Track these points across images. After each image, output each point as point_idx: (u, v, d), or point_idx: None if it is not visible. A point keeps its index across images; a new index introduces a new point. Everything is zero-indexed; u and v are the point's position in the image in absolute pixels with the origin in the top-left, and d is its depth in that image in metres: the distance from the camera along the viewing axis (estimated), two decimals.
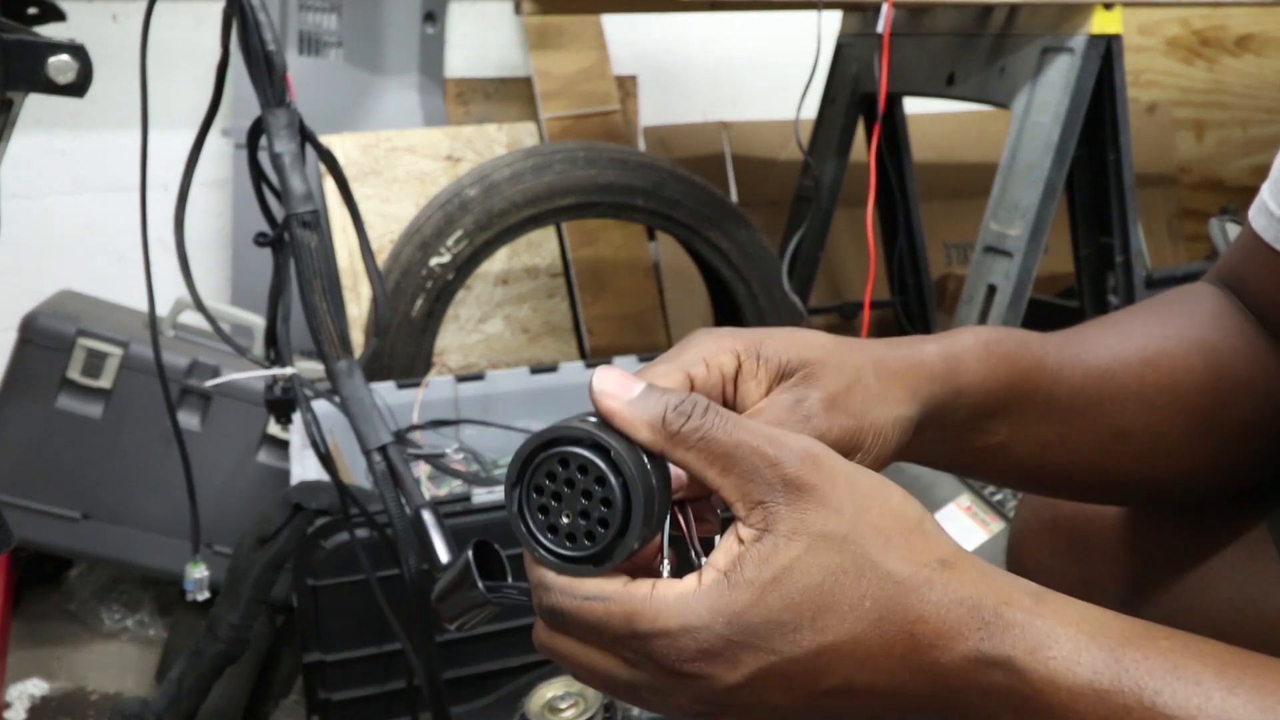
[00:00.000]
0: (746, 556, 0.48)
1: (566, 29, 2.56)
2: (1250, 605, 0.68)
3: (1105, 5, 1.67)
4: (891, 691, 0.49)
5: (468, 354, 2.41)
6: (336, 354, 1.06)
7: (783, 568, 0.47)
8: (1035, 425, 0.64)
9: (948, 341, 0.62)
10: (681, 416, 0.49)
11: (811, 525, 0.48)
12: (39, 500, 1.70)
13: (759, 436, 0.49)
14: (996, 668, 0.48)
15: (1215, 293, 0.74)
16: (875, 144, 1.73)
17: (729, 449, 0.48)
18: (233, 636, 1.36)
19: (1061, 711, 0.47)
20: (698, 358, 0.55)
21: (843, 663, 0.48)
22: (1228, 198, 2.97)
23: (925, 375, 0.60)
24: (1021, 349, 0.64)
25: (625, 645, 0.49)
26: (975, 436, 0.63)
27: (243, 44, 1.06)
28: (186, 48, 2.18)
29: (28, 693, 1.69)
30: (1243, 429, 0.70)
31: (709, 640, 0.47)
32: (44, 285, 1.94)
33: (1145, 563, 0.76)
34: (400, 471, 1.03)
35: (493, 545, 0.60)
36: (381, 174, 2.36)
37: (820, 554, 0.48)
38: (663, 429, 0.49)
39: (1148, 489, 0.72)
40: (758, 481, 0.48)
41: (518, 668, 1.41)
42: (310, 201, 1.06)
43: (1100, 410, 0.66)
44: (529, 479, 0.51)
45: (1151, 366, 0.68)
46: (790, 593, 0.47)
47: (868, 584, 0.48)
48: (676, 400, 0.49)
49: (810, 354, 0.57)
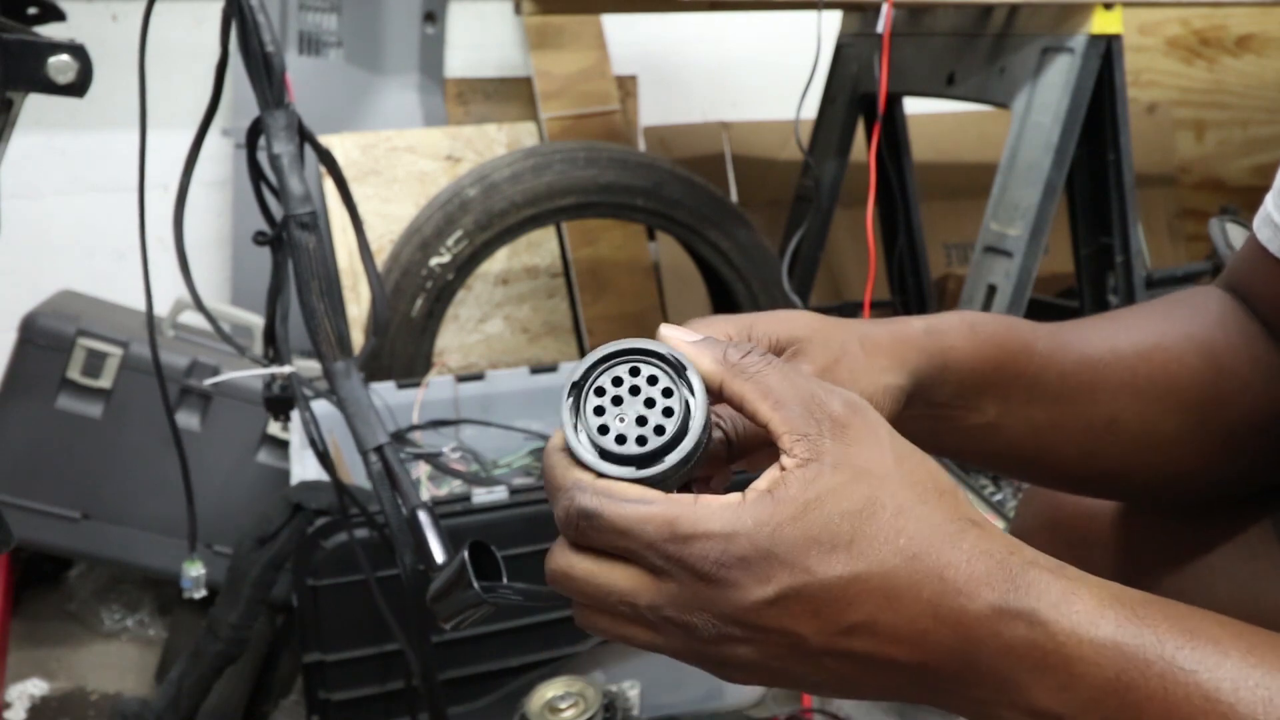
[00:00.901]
0: (790, 478, 0.49)
1: (566, 29, 2.56)
2: (1253, 604, 0.68)
3: (1105, 5, 1.67)
4: (913, 638, 0.49)
5: (468, 354, 2.41)
6: (334, 354, 1.06)
7: (827, 489, 0.48)
8: (1024, 407, 0.65)
9: (934, 319, 0.64)
10: (740, 352, 0.52)
11: (855, 459, 0.49)
12: (39, 500, 1.70)
13: (811, 381, 0.51)
14: (1020, 620, 0.48)
15: (1221, 295, 0.74)
16: (875, 144, 1.73)
17: (781, 386, 0.50)
18: (233, 636, 1.36)
19: (1083, 665, 0.47)
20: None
21: (871, 596, 0.48)
22: (1228, 198, 2.97)
23: (911, 347, 0.61)
24: (1009, 331, 0.65)
25: (658, 551, 0.48)
26: (963, 414, 0.64)
27: (242, 45, 1.06)
28: (186, 48, 2.18)
29: (28, 693, 1.69)
30: (1243, 428, 0.70)
31: (748, 548, 0.47)
32: (44, 285, 1.94)
33: (1146, 563, 0.76)
34: (396, 472, 1.03)
35: (488, 546, 0.60)
36: (381, 174, 2.36)
37: (862, 485, 0.49)
38: (725, 360, 0.51)
39: (1143, 483, 0.72)
40: (806, 417, 0.50)
41: (517, 668, 1.41)
42: (308, 203, 1.06)
43: (1091, 398, 0.67)
44: (592, 381, 0.51)
45: (1145, 359, 0.68)
46: (830, 514, 0.48)
47: (905, 521, 0.49)
48: (737, 342, 0.53)
49: (798, 331, 0.59)
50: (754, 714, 1.54)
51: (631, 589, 0.50)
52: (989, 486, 1.78)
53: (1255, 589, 0.69)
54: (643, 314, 2.52)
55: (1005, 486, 1.79)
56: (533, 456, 1.74)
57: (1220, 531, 0.73)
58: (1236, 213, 2.04)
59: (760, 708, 1.55)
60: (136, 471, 1.73)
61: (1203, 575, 0.72)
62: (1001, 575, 0.48)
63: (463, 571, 0.59)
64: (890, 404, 0.59)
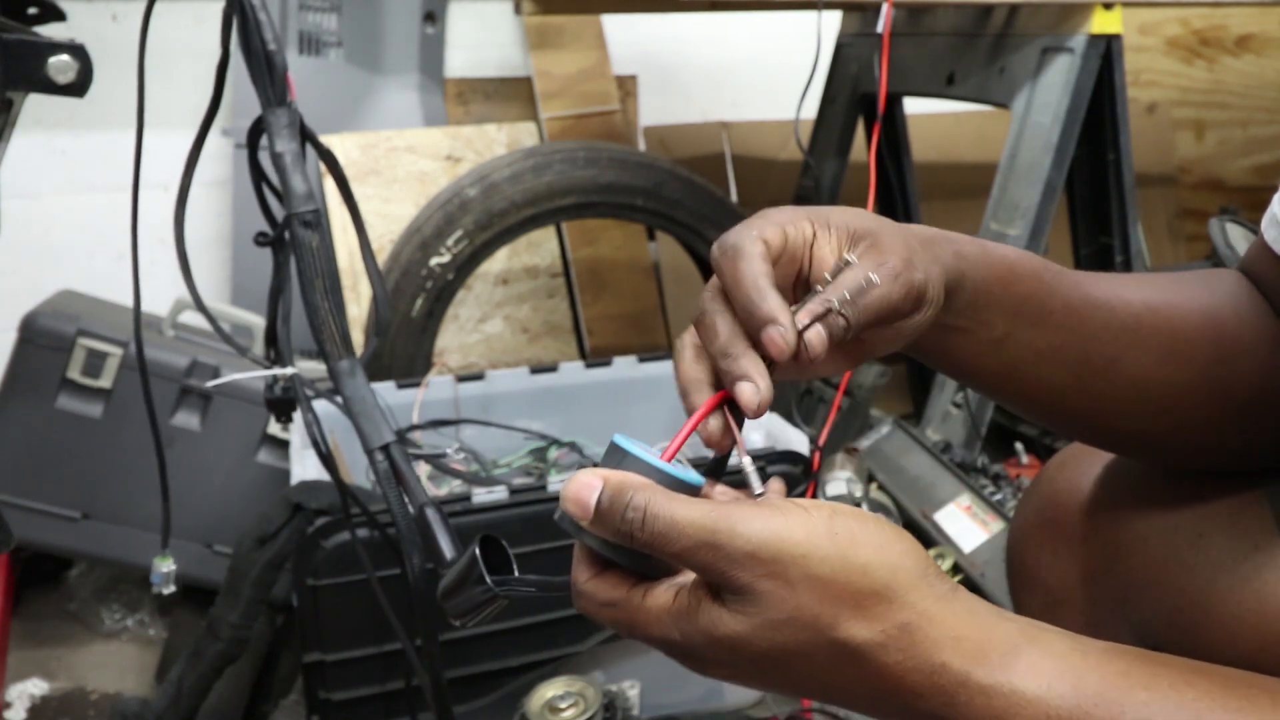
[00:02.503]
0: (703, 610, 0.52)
1: (566, 29, 2.57)
2: (1254, 599, 0.68)
3: (1105, 5, 1.67)
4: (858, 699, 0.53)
5: (468, 354, 2.41)
6: (339, 353, 1.05)
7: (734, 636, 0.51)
8: (1030, 330, 0.66)
9: (946, 232, 0.65)
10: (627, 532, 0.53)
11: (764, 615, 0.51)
12: (39, 500, 1.70)
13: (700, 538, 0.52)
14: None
15: (1238, 276, 0.75)
16: (875, 144, 1.73)
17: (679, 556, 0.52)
18: (233, 636, 1.36)
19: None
20: (775, 226, 0.58)
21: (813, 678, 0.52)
22: (1228, 198, 2.97)
23: (943, 247, 0.62)
24: (1019, 255, 0.66)
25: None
26: (976, 326, 0.65)
27: (243, 43, 1.06)
28: (186, 48, 2.18)
29: (28, 693, 1.69)
30: (1247, 393, 0.71)
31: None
32: (44, 285, 1.93)
33: (1145, 561, 0.76)
34: (403, 470, 1.03)
35: (499, 540, 0.60)
36: (381, 174, 2.36)
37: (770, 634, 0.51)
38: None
39: (1143, 435, 0.72)
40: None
41: (517, 667, 1.41)
42: (312, 201, 1.06)
43: (1093, 334, 0.67)
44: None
45: (1151, 311, 0.69)
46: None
47: (823, 653, 0.51)
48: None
49: (870, 224, 0.60)
50: (754, 714, 1.54)
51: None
52: (989, 486, 1.78)
53: (1256, 584, 0.69)
54: (643, 314, 2.52)
55: (1005, 486, 1.79)
56: (532, 456, 1.74)
57: (1221, 528, 0.73)
58: (1236, 213, 2.04)
59: (760, 707, 1.55)
60: (136, 471, 1.73)
61: (1203, 571, 0.72)
62: (931, 689, 0.50)
63: (474, 566, 0.59)
64: (943, 290, 0.60)
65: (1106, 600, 0.79)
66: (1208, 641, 0.68)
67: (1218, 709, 0.48)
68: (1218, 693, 0.49)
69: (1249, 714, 0.48)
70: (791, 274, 0.59)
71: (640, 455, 0.53)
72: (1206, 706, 0.48)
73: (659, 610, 0.52)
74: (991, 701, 0.49)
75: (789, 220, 0.58)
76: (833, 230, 0.59)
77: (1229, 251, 1.62)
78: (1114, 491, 0.81)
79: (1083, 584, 0.81)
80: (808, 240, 0.59)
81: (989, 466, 1.84)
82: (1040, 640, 0.51)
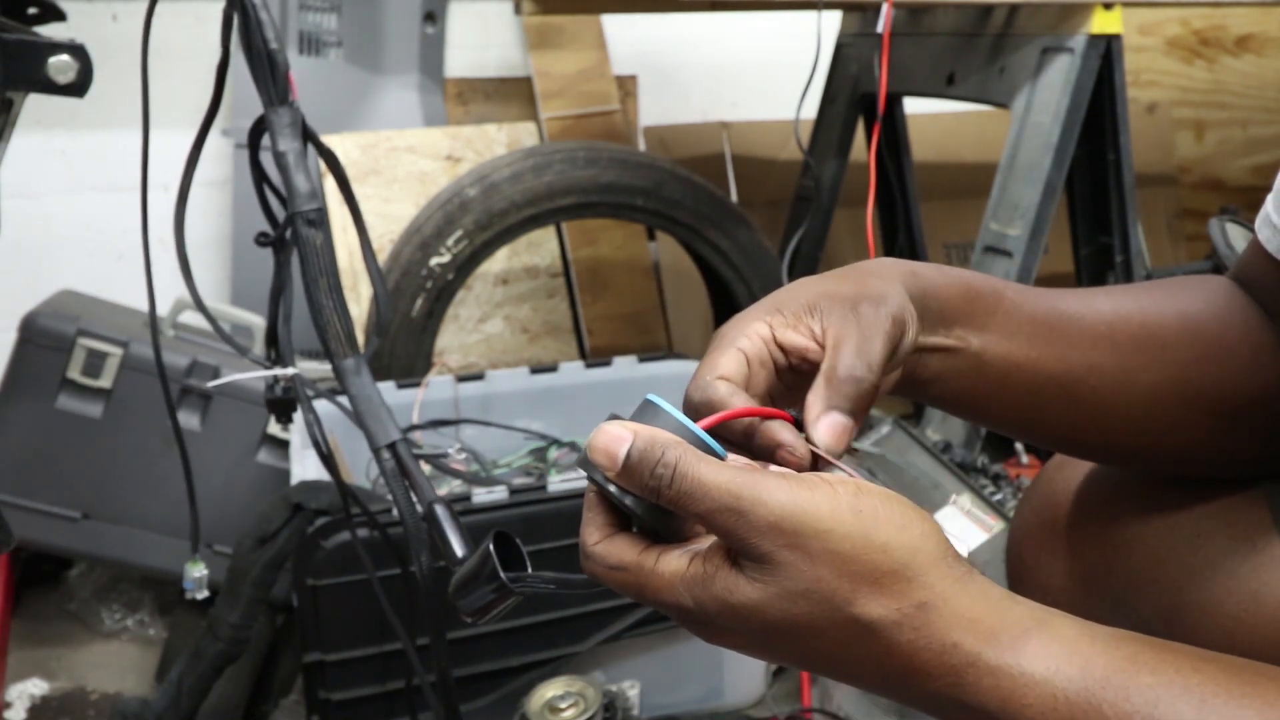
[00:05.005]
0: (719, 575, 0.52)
1: (566, 29, 2.56)
2: (1252, 599, 0.68)
3: (1105, 5, 1.67)
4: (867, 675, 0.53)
5: (468, 354, 2.41)
6: (343, 351, 1.05)
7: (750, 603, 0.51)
8: (1005, 343, 0.67)
9: (902, 260, 0.67)
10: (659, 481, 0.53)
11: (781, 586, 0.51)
12: (39, 500, 1.70)
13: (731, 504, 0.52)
14: (969, 711, 0.50)
15: (1225, 282, 0.75)
16: (875, 144, 1.73)
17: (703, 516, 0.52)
18: (233, 636, 1.36)
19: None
20: (731, 353, 0.60)
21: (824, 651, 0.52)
22: (1228, 198, 2.97)
23: (893, 269, 0.64)
24: (974, 274, 0.68)
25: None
26: (952, 342, 0.66)
27: (244, 43, 1.06)
28: (186, 48, 2.18)
29: (28, 693, 1.69)
30: (1235, 398, 0.71)
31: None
32: (44, 285, 1.93)
33: (1143, 560, 0.76)
34: (410, 468, 1.03)
35: (512, 537, 0.59)
36: (381, 174, 2.36)
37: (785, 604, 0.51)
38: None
39: (1127, 443, 0.72)
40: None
41: (517, 667, 1.41)
42: (315, 199, 1.06)
43: (1070, 344, 0.68)
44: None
45: (1123, 317, 0.70)
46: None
47: (836, 628, 0.51)
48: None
49: (813, 293, 0.61)
50: (754, 714, 1.54)
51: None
52: (989, 486, 1.78)
53: (1254, 583, 0.69)
54: (643, 314, 2.52)
55: (1005, 486, 1.79)
56: (532, 456, 1.74)
57: (1219, 526, 0.73)
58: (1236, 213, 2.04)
59: (760, 707, 1.55)
60: (136, 471, 1.73)
61: (1201, 570, 0.72)
62: (942, 669, 0.50)
63: (487, 562, 0.58)
64: (911, 309, 0.62)
65: (1105, 600, 0.79)
66: (1205, 641, 0.68)
67: (1222, 694, 0.49)
68: (1223, 679, 0.49)
69: (1254, 700, 0.48)
70: (771, 375, 0.60)
71: (675, 414, 0.53)
72: (1212, 692, 0.49)
73: (671, 575, 0.52)
74: (999, 682, 0.49)
75: (740, 334, 0.60)
76: (787, 314, 0.61)
77: (1229, 251, 1.62)
78: (1113, 492, 0.81)
79: (1082, 584, 0.81)
80: (768, 339, 0.60)
81: (989, 466, 1.84)
82: (1050, 624, 0.51)
